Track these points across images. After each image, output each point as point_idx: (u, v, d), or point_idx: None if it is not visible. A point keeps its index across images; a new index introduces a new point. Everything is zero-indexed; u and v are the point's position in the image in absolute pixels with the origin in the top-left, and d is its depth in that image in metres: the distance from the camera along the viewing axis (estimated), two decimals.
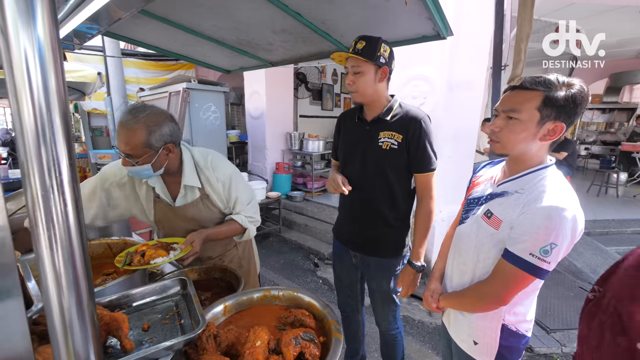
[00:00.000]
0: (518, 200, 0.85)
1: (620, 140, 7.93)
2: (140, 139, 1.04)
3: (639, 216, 4.50)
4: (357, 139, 1.38)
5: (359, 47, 1.25)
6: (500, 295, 0.87)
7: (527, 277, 0.82)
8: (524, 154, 0.88)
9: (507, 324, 0.95)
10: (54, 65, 0.38)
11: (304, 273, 3.37)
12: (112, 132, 5.73)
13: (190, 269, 1.22)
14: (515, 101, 0.84)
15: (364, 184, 1.36)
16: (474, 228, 0.98)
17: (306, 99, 6.69)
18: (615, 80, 8.32)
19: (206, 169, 1.24)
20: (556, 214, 0.77)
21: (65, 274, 0.41)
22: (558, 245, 0.77)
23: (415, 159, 1.28)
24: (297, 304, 0.94)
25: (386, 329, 1.57)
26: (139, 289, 0.86)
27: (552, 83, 0.81)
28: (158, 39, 1.94)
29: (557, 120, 0.82)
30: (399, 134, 1.27)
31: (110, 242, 1.23)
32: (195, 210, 1.24)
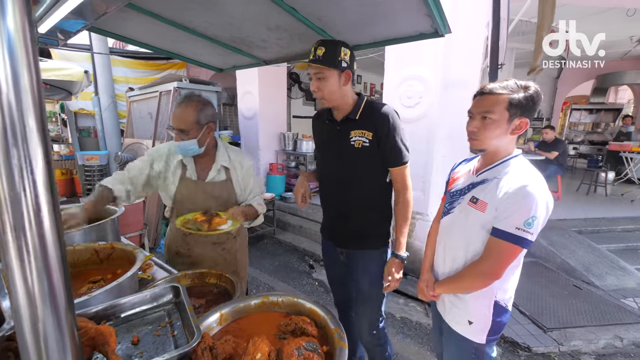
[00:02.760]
0: (498, 184, 1.00)
1: (607, 140, 8.12)
2: (192, 116, 1.30)
3: (627, 214, 4.59)
4: (331, 139, 1.42)
5: (319, 54, 1.26)
6: (494, 269, 0.99)
7: (515, 248, 0.95)
8: (498, 147, 1.04)
9: (499, 300, 1.06)
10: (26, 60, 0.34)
11: (299, 275, 3.32)
12: (100, 133, 5.57)
13: (183, 274, 1.17)
14: (488, 104, 1.00)
15: (342, 182, 1.40)
16: (462, 215, 1.10)
17: (299, 99, 6.65)
18: (601, 82, 8.53)
19: (235, 156, 1.48)
20: (533, 192, 0.93)
21: (40, 287, 0.36)
22: (537, 217, 0.93)
23: (388, 155, 1.31)
24: (297, 310, 0.90)
25: (372, 341, 1.49)
26: (127, 298, 0.80)
27: (514, 87, 0.99)
28: (148, 35, 1.87)
29: (522, 116, 0.99)
30: (368, 132, 1.31)
31: (98, 247, 1.16)
32: (221, 189, 1.42)
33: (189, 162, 1.41)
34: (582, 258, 3.29)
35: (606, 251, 3.47)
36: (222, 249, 1.50)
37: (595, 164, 6.67)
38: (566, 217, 4.27)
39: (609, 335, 2.26)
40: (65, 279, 0.39)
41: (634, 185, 6.20)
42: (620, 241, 3.79)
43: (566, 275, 3.13)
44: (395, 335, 2.37)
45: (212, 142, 1.43)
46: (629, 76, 7.83)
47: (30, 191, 0.33)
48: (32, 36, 0.36)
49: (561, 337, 2.24)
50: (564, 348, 2.17)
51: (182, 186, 1.40)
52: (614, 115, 8.93)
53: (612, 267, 3.19)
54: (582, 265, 3.17)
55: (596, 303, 2.64)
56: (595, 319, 2.43)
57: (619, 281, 3.01)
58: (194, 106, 1.33)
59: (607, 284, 2.95)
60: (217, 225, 1.19)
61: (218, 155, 1.43)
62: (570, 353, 2.17)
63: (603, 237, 3.89)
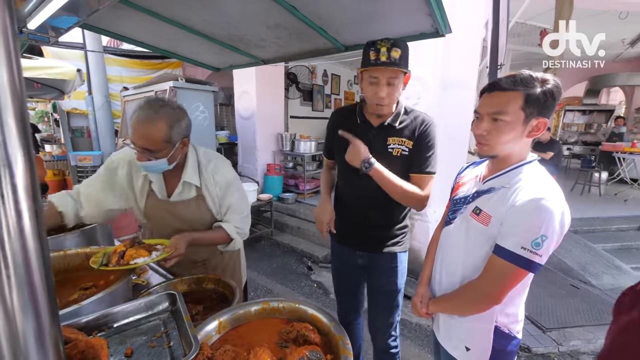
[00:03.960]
0: (505, 195, 0.86)
1: (600, 140, 8.22)
2: (161, 134, 1.03)
3: (621, 213, 4.63)
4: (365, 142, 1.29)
5: (396, 57, 1.12)
6: (493, 293, 0.86)
7: (520, 271, 0.81)
8: (511, 153, 0.90)
9: (500, 325, 0.92)
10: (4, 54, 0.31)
11: (297, 277, 3.28)
12: (93, 133, 5.48)
13: (179, 280, 1.13)
14: (499, 103, 0.85)
15: (371, 188, 1.28)
16: (463, 226, 0.97)
17: (297, 99, 6.61)
18: (594, 83, 8.64)
19: (206, 170, 1.21)
20: (545, 206, 0.78)
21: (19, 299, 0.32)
22: (548, 237, 0.78)
23: (417, 160, 1.26)
24: (299, 316, 0.87)
25: (383, 345, 1.47)
26: (121, 307, 0.77)
27: (530, 81, 0.83)
28: (143, 33, 1.83)
29: (539, 116, 0.84)
30: (409, 140, 1.25)
31: (89, 252, 1.11)
32: (188, 209, 1.20)
33: (156, 179, 1.18)
34: (578, 258, 3.31)
35: (602, 250, 3.50)
36: (204, 267, 1.31)
37: (589, 164, 6.74)
38: None
39: None
40: (49, 289, 0.36)
41: (627, 185, 6.27)
42: (615, 240, 3.82)
43: (563, 274, 3.14)
44: None
45: (181, 157, 1.17)
46: (620, 78, 7.94)
47: (10, 197, 0.30)
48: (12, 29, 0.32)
49: (560, 337, 2.24)
50: (563, 348, 2.17)
51: (148, 204, 1.20)
52: (607, 116, 9.05)
53: (608, 266, 3.21)
54: (579, 265, 3.19)
55: (594, 302, 2.65)
56: (593, 319, 2.44)
57: (615, 280, 3.03)
58: (164, 121, 1.04)
59: (603, 283, 2.97)
60: (131, 259, 0.95)
61: (185, 173, 1.18)
62: (570, 353, 2.17)
63: (598, 236, 3.92)
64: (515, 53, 6.35)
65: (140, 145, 1.03)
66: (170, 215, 1.20)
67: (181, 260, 1.11)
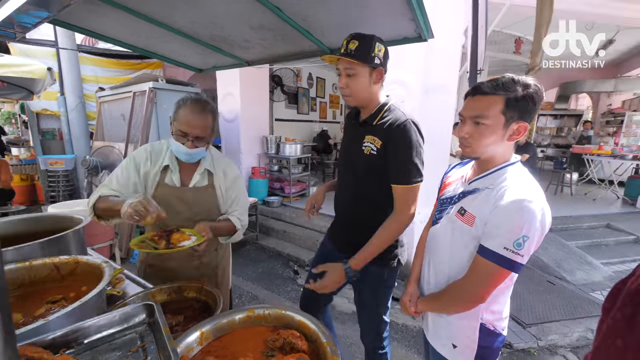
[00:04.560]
0: (489, 196, 0.88)
1: (570, 143, 8.67)
2: (210, 123, 1.25)
3: (591, 212, 4.90)
4: (350, 141, 1.35)
5: (352, 48, 1.15)
6: (478, 292, 0.88)
7: (502, 271, 0.84)
8: (494, 154, 0.92)
9: (485, 322, 0.95)
10: None
11: (283, 282, 3.23)
12: (66, 136, 5.20)
13: (159, 289, 1.08)
14: (480, 107, 0.88)
15: (352, 188, 1.32)
16: (448, 227, 0.99)
17: (282, 102, 6.58)
18: (564, 89, 9.13)
19: (219, 164, 1.38)
20: (526, 207, 0.81)
21: None
22: (530, 237, 0.80)
23: (391, 169, 1.19)
24: (285, 323, 0.84)
25: (371, 349, 1.47)
26: (93, 321, 0.71)
27: (511, 85, 0.85)
28: (119, 31, 1.75)
29: (520, 120, 0.86)
30: (379, 140, 1.19)
31: (58, 262, 1.03)
32: (201, 196, 1.32)
33: (175, 167, 1.30)
34: (553, 255, 3.46)
35: (575, 247, 3.67)
36: (200, 262, 1.37)
37: (560, 165, 7.09)
38: None
39: (581, 328, 2.36)
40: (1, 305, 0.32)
41: (595, 185, 6.64)
42: (587, 238, 4.02)
43: (540, 271, 3.26)
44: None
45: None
46: (587, 85, 8.44)
47: None
48: None
49: (539, 332, 2.32)
50: (542, 343, 2.25)
51: (158, 192, 1.27)
52: (576, 120, 9.57)
53: (580, 262, 3.38)
54: (554, 262, 3.33)
55: (569, 297, 2.77)
56: (568, 313, 2.54)
57: (588, 275, 3.18)
58: (211, 113, 1.25)
59: (577, 279, 3.11)
60: (177, 242, 1.05)
61: (204, 161, 1.33)
62: (548, 347, 2.24)
63: (571, 234, 4.12)
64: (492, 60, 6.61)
65: (194, 134, 1.20)
66: (182, 203, 1.28)
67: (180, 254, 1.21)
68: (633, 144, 7.17)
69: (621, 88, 8.10)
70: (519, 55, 5.92)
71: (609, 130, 8.94)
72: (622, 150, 6.53)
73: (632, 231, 4.14)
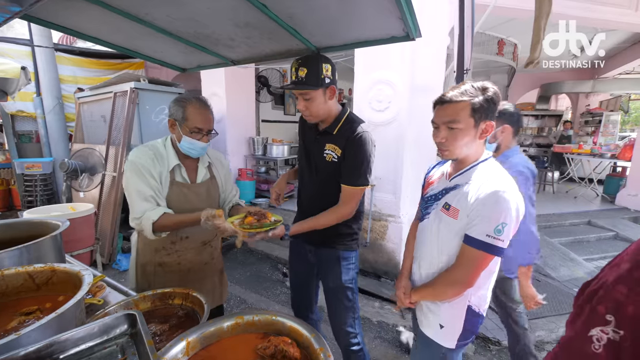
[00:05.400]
0: (469, 190, 0.98)
1: (551, 142, 8.97)
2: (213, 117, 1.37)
3: (572, 209, 5.07)
4: (310, 146, 1.46)
5: (302, 76, 1.27)
6: (466, 278, 0.97)
7: (487, 256, 0.94)
8: (469, 153, 1.03)
9: (472, 304, 1.05)
10: None
11: (272, 285, 3.19)
12: (43, 138, 4.98)
13: (142, 297, 1.03)
14: (451, 113, 0.98)
15: (315, 188, 1.45)
16: (435, 221, 1.08)
17: (268, 103, 6.52)
18: (545, 90, 9.44)
19: (213, 154, 1.48)
20: (502, 197, 0.91)
21: None
22: (508, 224, 0.91)
23: (345, 172, 1.33)
24: (276, 330, 0.81)
25: (346, 342, 1.50)
26: (70, 333, 0.66)
27: (472, 91, 0.97)
28: (98, 28, 1.68)
29: (486, 119, 0.98)
30: (339, 148, 1.34)
31: (32, 270, 0.97)
32: (208, 188, 1.40)
33: (179, 166, 1.35)
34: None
35: (558, 244, 3.78)
36: (211, 247, 1.47)
37: (542, 164, 7.32)
38: None
39: None
40: None
41: (576, 184, 6.89)
42: (569, 235, 4.15)
43: None
44: (373, 340, 2.35)
45: None
46: (567, 85, 8.75)
47: None
48: None
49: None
50: None
51: (173, 191, 1.31)
52: (556, 120, 9.92)
53: (564, 259, 3.48)
54: (540, 259, 3.41)
55: (554, 294, 2.84)
56: (554, 309, 2.61)
57: (571, 272, 3.28)
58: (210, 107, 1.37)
59: (561, 275, 3.20)
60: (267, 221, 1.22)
61: (203, 157, 1.41)
62: (536, 343, 2.29)
63: (555, 231, 4.24)
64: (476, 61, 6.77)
65: (207, 128, 1.30)
66: (195, 197, 1.35)
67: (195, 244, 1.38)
68: (611, 143, 7.47)
69: (599, 89, 8.45)
70: (502, 57, 6.08)
71: (588, 130, 9.31)
72: (600, 149, 6.80)
73: (611, 228, 4.31)
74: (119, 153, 3.56)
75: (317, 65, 1.28)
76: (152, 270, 1.35)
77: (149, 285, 1.32)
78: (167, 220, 1.21)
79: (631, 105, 11.23)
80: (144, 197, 1.22)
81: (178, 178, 1.33)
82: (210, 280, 1.48)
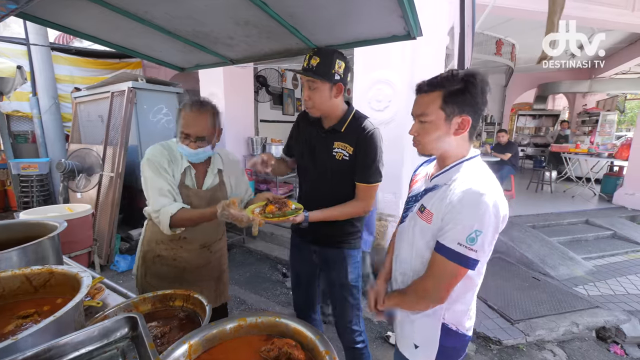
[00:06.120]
0: (446, 192, 0.87)
1: (549, 142, 9.02)
2: (211, 122, 1.29)
3: (570, 209, 5.09)
4: (314, 144, 1.42)
5: (313, 64, 1.25)
6: (435, 291, 0.86)
7: (457, 268, 0.82)
8: (447, 150, 0.92)
9: (447, 322, 0.93)
10: None
11: (272, 285, 3.17)
12: (39, 138, 4.94)
13: (142, 299, 1.01)
14: (421, 105, 0.90)
15: (320, 186, 1.42)
16: (411, 225, 0.98)
17: (267, 102, 6.50)
18: (542, 90, 9.48)
19: (225, 153, 1.47)
20: (477, 200, 0.79)
21: None
22: (483, 232, 0.79)
23: (359, 171, 1.32)
24: (280, 331, 0.80)
25: (351, 340, 1.50)
26: (69, 337, 0.65)
27: (448, 80, 0.86)
28: (96, 27, 1.66)
29: (462, 114, 0.86)
30: (350, 146, 1.32)
31: (30, 273, 0.95)
32: (215, 195, 1.37)
33: (191, 168, 1.35)
34: (537, 251, 3.56)
35: (557, 243, 3.79)
36: (210, 252, 1.46)
37: (540, 164, 7.36)
38: (521, 214, 4.61)
39: (566, 323, 2.43)
40: None
41: (573, 183, 6.92)
42: (567, 234, 4.17)
43: (525, 268, 3.35)
44: (374, 340, 2.34)
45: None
46: (564, 85, 8.80)
47: None
48: None
49: (527, 328, 2.37)
50: (530, 338, 2.29)
51: (183, 194, 1.32)
52: (553, 120, 9.97)
53: (563, 258, 3.49)
54: (538, 258, 3.42)
55: (553, 293, 2.85)
56: (554, 308, 2.61)
57: (570, 271, 3.29)
58: (210, 111, 1.30)
59: (560, 274, 3.21)
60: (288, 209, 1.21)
61: (213, 159, 1.40)
62: (536, 342, 2.29)
63: (553, 230, 4.26)
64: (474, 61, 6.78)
65: (195, 134, 1.25)
66: (204, 203, 1.34)
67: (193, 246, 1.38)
68: (608, 142, 7.52)
69: (595, 89, 8.49)
70: (500, 57, 6.09)
71: (585, 130, 9.36)
72: (597, 148, 6.83)
73: (609, 226, 4.33)
74: (116, 153, 3.53)
75: (331, 58, 1.26)
76: (151, 259, 1.39)
77: (145, 272, 1.40)
78: (185, 214, 1.23)
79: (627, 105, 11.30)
80: (162, 192, 1.25)
81: (187, 181, 1.33)
82: (206, 283, 1.48)
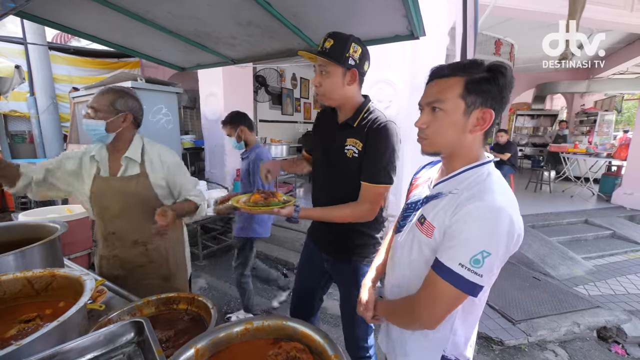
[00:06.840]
0: (451, 202, 0.74)
1: (547, 142, 9.05)
2: (109, 98, 1.29)
3: (569, 208, 5.11)
4: (329, 141, 1.31)
5: (327, 46, 1.15)
6: (428, 315, 0.74)
7: (456, 293, 0.69)
8: (457, 150, 0.78)
9: (447, 355, 0.83)
10: None
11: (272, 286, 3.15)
12: (37, 138, 4.90)
13: (145, 302, 1.00)
14: (437, 91, 0.76)
15: (330, 186, 1.31)
16: (409, 237, 0.86)
17: (266, 102, 6.48)
18: (540, 90, 9.52)
19: (151, 151, 1.40)
20: (490, 215, 0.67)
21: None
22: (492, 253, 0.66)
23: (366, 168, 1.19)
24: (287, 335, 0.79)
25: (358, 354, 1.42)
26: (74, 343, 0.63)
27: (472, 66, 0.74)
28: (95, 26, 1.64)
29: (484, 106, 0.73)
30: (360, 142, 1.19)
31: (31, 276, 0.94)
32: (132, 185, 1.33)
33: (101, 158, 1.36)
34: (537, 251, 3.56)
35: (557, 243, 3.80)
36: (146, 249, 1.41)
37: (538, 164, 7.38)
38: (521, 214, 4.62)
39: (568, 322, 2.43)
40: None
41: (571, 183, 6.95)
42: (567, 233, 4.18)
43: (525, 268, 3.35)
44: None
45: (127, 136, 1.37)
46: (562, 85, 8.83)
47: None
48: None
49: (529, 328, 2.37)
50: (532, 339, 2.29)
51: (94, 185, 1.34)
52: (552, 120, 10.01)
53: (563, 257, 3.49)
54: (539, 258, 3.43)
55: (554, 293, 2.85)
56: (555, 308, 2.61)
57: (570, 270, 3.30)
58: (114, 92, 1.31)
59: (560, 274, 3.21)
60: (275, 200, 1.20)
61: (128, 151, 1.36)
62: (538, 343, 2.29)
63: (552, 230, 4.27)
64: None
65: (90, 104, 1.28)
66: (115, 193, 1.32)
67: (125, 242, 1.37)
68: (606, 142, 7.56)
69: (593, 89, 8.53)
70: (499, 57, 6.10)
71: (583, 130, 9.41)
72: (596, 148, 6.86)
73: (608, 226, 4.34)
74: None
75: (346, 41, 1.14)
76: (98, 260, 1.43)
77: (100, 275, 1.40)
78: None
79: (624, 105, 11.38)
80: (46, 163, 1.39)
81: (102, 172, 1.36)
82: (147, 282, 1.41)
